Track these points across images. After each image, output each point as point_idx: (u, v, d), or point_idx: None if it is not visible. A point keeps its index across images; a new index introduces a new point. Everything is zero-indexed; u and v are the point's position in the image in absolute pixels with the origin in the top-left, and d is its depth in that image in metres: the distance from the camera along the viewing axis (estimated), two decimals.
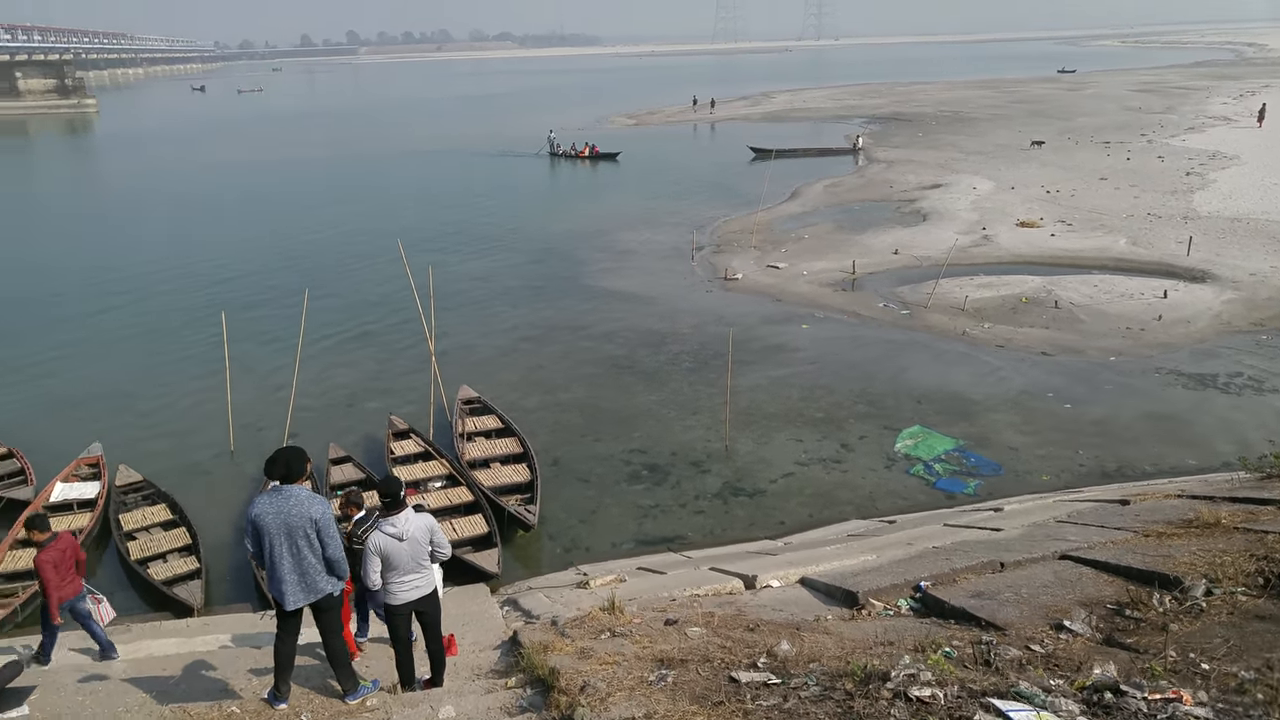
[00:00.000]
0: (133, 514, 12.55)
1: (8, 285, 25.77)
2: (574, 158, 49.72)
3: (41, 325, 22.06)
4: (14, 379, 18.42)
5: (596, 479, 13.93)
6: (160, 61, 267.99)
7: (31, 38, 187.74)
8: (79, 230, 34.64)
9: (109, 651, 8.37)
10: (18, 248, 31.09)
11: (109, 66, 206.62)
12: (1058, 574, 7.32)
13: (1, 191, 45.85)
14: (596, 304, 22.74)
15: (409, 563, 6.25)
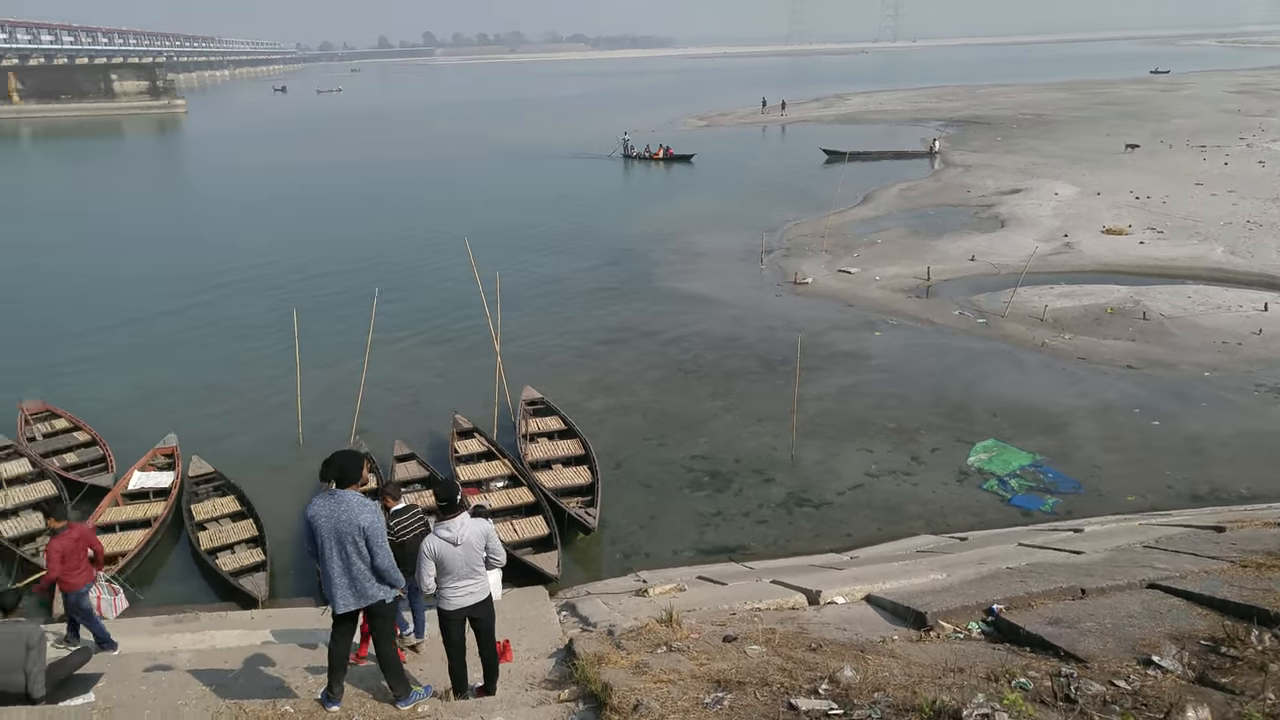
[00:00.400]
0: (203, 504, 12.81)
1: (97, 279, 26.77)
2: (648, 160, 49.53)
3: (126, 318, 22.83)
4: (100, 369, 19.09)
5: (658, 484, 13.75)
6: (245, 63, 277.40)
7: (127, 41, 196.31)
8: (164, 227, 35.83)
9: (106, 645, 8.50)
10: (107, 243, 32.32)
11: (197, 69, 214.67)
12: (1145, 604, 6.87)
13: (96, 189, 47.72)
14: (663, 306, 22.58)
15: (463, 568, 6.16)
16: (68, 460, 14.31)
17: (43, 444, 14.80)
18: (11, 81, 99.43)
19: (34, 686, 6.44)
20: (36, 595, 9.76)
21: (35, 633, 6.56)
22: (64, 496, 12.97)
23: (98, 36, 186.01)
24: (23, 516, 12.58)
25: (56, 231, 34.62)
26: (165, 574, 11.81)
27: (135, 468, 13.67)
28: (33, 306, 23.97)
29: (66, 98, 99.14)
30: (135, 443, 14.71)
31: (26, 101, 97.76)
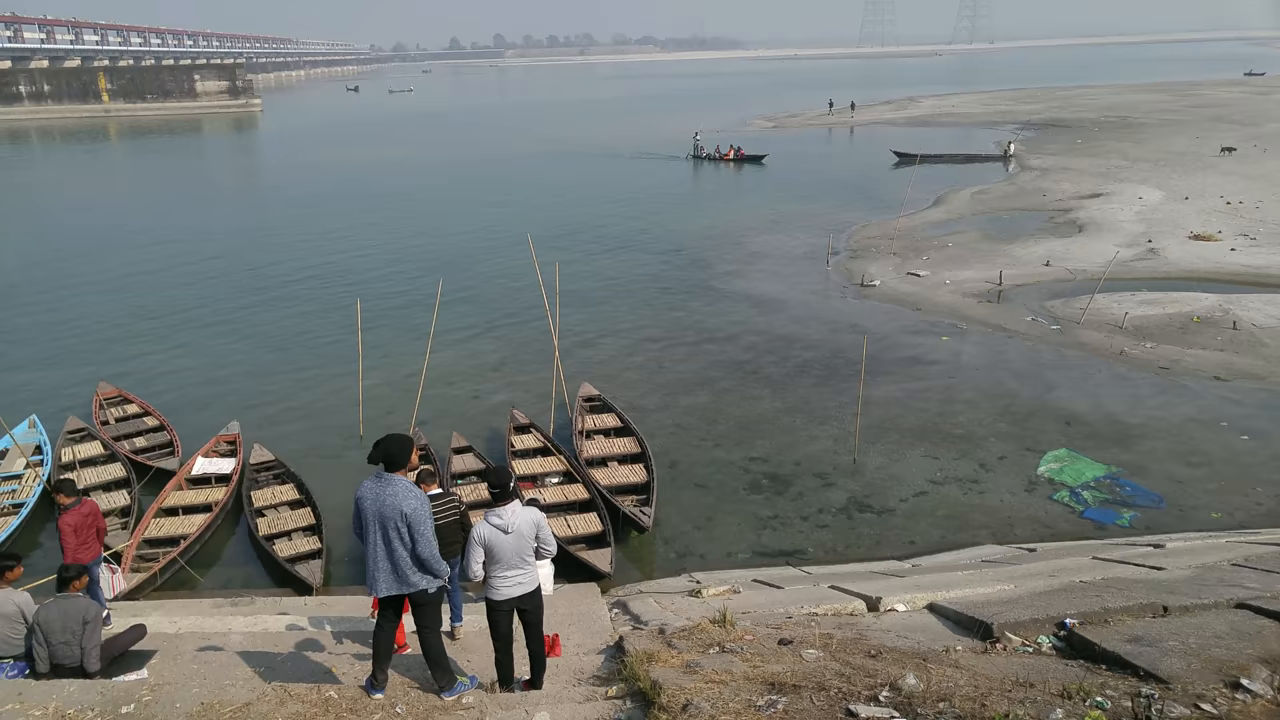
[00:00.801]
0: (263, 491, 12.98)
1: (172, 270, 27.55)
2: (718, 160, 49.09)
3: (196, 308, 23.44)
4: (170, 356, 19.59)
5: (715, 485, 13.50)
6: (320, 64, 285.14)
7: (211, 43, 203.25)
8: (234, 221, 36.74)
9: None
10: (181, 236, 33.24)
11: (275, 69, 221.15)
12: (1233, 625, 6.41)
13: (173, 184, 49.24)
14: (724, 306, 22.30)
15: (513, 557, 6.03)
16: (137, 444, 14.66)
17: (114, 427, 15.21)
18: (102, 82, 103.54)
19: (89, 661, 6.54)
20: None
21: (92, 608, 6.66)
22: (132, 479, 13.29)
23: (183, 39, 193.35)
24: (94, 497, 12.87)
25: (136, 224, 35.77)
26: (224, 558, 11.98)
27: (199, 453, 13.93)
28: (112, 294, 24.75)
29: (152, 97, 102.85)
30: (200, 429, 15.04)
31: (115, 101, 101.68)
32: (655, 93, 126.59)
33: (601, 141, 61.24)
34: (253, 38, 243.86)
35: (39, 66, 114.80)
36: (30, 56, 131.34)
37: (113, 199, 44.24)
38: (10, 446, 13.98)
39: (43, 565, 11.65)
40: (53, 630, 6.52)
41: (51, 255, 30.13)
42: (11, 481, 13.36)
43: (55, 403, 16.33)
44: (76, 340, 20.77)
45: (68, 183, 50.68)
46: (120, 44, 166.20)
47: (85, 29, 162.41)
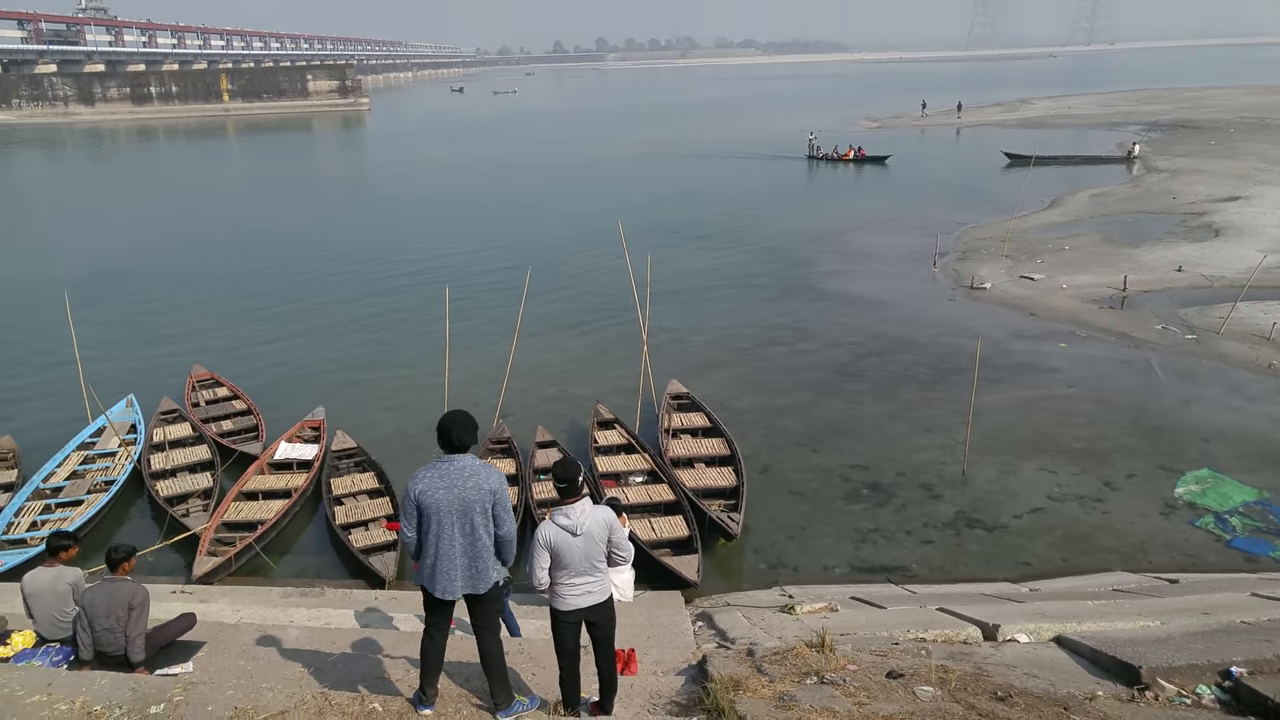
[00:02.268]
0: (343, 479, 12.70)
1: (271, 258, 28.07)
2: (836, 160, 47.34)
3: (290, 294, 23.75)
4: (263, 341, 19.79)
5: (810, 493, 12.59)
6: (427, 66, 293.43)
7: (325, 46, 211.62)
8: (333, 212, 37.57)
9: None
10: (282, 226, 33.99)
11: (384, 71, 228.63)
12: None
13: (281, 177, 50.68)
14: (824, 306, 21.27)
15: (581, 562, 5.29)
16: (224, 427, 14.65)
17: (204, 410, 15.27)
18: (224, 83, 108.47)
19: (133, 650, 6.15)
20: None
21: (139, 593, 6.27)
22: (216, 461, 13.24)
23: (299, 42, 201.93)
24: (179, 478, 12.89)
25: (244, 215, 36.83)
26: (300, 546, 11.71)
27: (283, 438, 13.78)
28: (216, 281, 25.32)
29: (268, 96, 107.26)
30: (286, 413, 14.94)
31: (234, 100, 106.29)
32: (755, 94, 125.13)
33: (701, 142, 60.47)
34: (364, 40, 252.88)
35: (170, 69, 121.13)
36: (163, 60, 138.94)
37: (224, 192, 45.74)
38: (106, 425, 14.12)
39: (130, 541, 11.54)
40: (97, 615, 6.15)
41: (162, 243, 31.17)
42: (105, 459, 13.47)
43: (154, 383, 16.51)
44: (178, 323, 21.19)
45: (184, 176, 52.79)
46: (243, 48, 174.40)
47: (213, 34, 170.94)
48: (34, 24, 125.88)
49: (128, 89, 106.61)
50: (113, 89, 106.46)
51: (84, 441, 13.96)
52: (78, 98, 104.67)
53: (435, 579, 5.29)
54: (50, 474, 12.92)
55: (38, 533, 11.24)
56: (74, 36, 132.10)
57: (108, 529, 12.05)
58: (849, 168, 45.98)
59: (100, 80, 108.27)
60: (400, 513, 5.41)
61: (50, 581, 6.62)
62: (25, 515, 11.80)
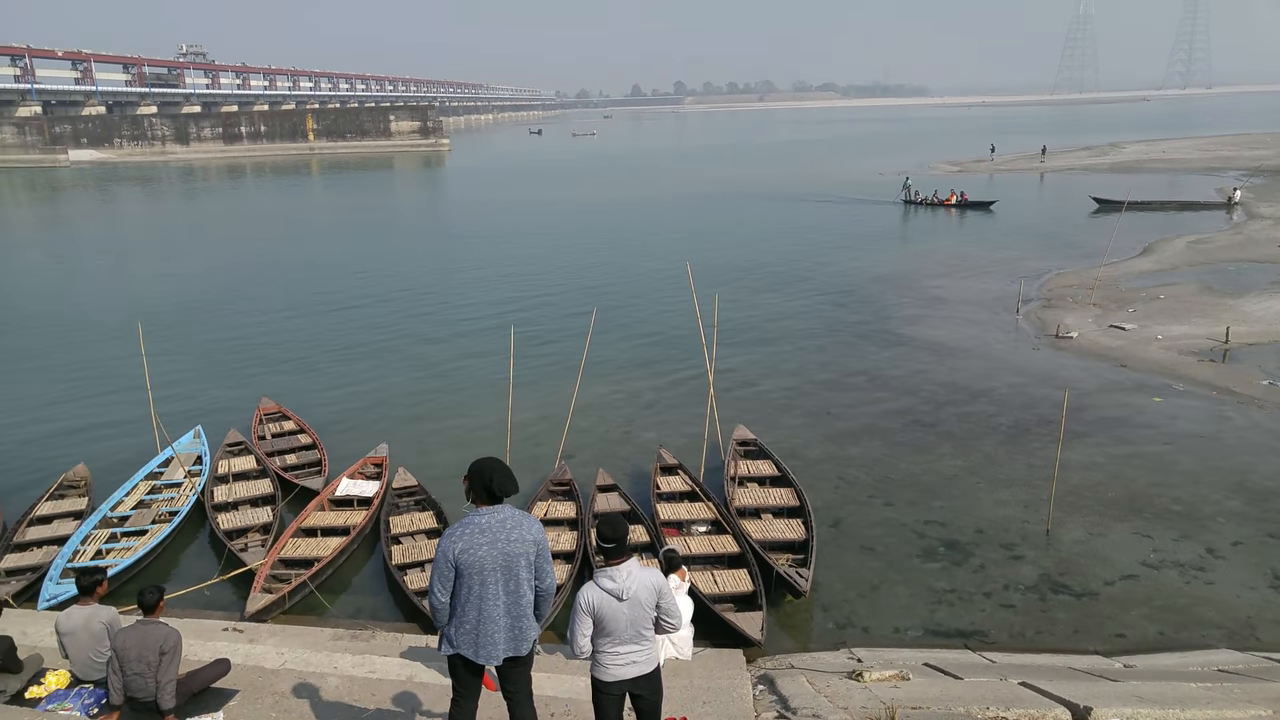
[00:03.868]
0: (402, 518, 12.51)
1: (341, 292, 28.54)
2: (935, 206, 45.22)
3: (359, 328, 24.06)
4: (328, 374, 19.98)
5: (883, 549, 11.92)
6: (507, 108, 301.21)
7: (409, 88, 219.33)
8: (409, 249, 38.20)
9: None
10: (358, 262, 34.66)
11: (465, 113, 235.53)
12: None
13: (362, 215, 51.99)
14: (900, 352, 20.55)
15: (627, 630, 4.86)
16: (288, 461, 14.66)
17: (270, 443, 15.33)
18: (309, 123, 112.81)
19: (164, 697, 5.93)
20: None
21: (171, 637, 6.06)
22: (278, 495, 13.19)
23: (384, 84, 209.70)
24: (241, 511, 12.89)
25: (321, 252, 37.73)
26: (355, 585, 11.51)
27: (345, 474, 13.69)
28: (289, 315, 25.82)
29: (351, 136, 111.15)
30: (351, 449, 14.90)
31: (319, 140, 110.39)
32: (833, 137, 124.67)
33: (777, 184, 60.11)
34: (446, 83, 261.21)
35: (259, 110, 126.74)
36: (254, 101, 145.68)
37: (301, 228, 47.09)
38: (173, 456, 14.28)
39: (189, 574, 11.65)
40: (128, 658, 5.95)
41: (239, 277, 32.08)
42: (171, 490, 13.58)
43: (222, 415, 16.73)
44: (249, 356, 21.56)
45: (266, 213, 54.62)
46: (330, 89, 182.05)
47: (302, 76, 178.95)
48: (138, 68, 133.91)
49: (220, 129, 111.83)
50: (206, 129, 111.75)
51: (152, 471, 14.11)
52: (174, 137, 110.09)
53: (478, 643, 4.91)
54: (118, 503, 13.06)
55: (102, 561, 11.30)
56: (174, 80, 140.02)
57: (169, 560, 12.08)
58: (950, 214, 44.01)
59: (195, 121, 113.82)
60: (432, 574, 4.99)
61: (85, 621, 6.48)
62: (91, 543, 11.90)
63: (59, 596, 10.41)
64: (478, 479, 4.90)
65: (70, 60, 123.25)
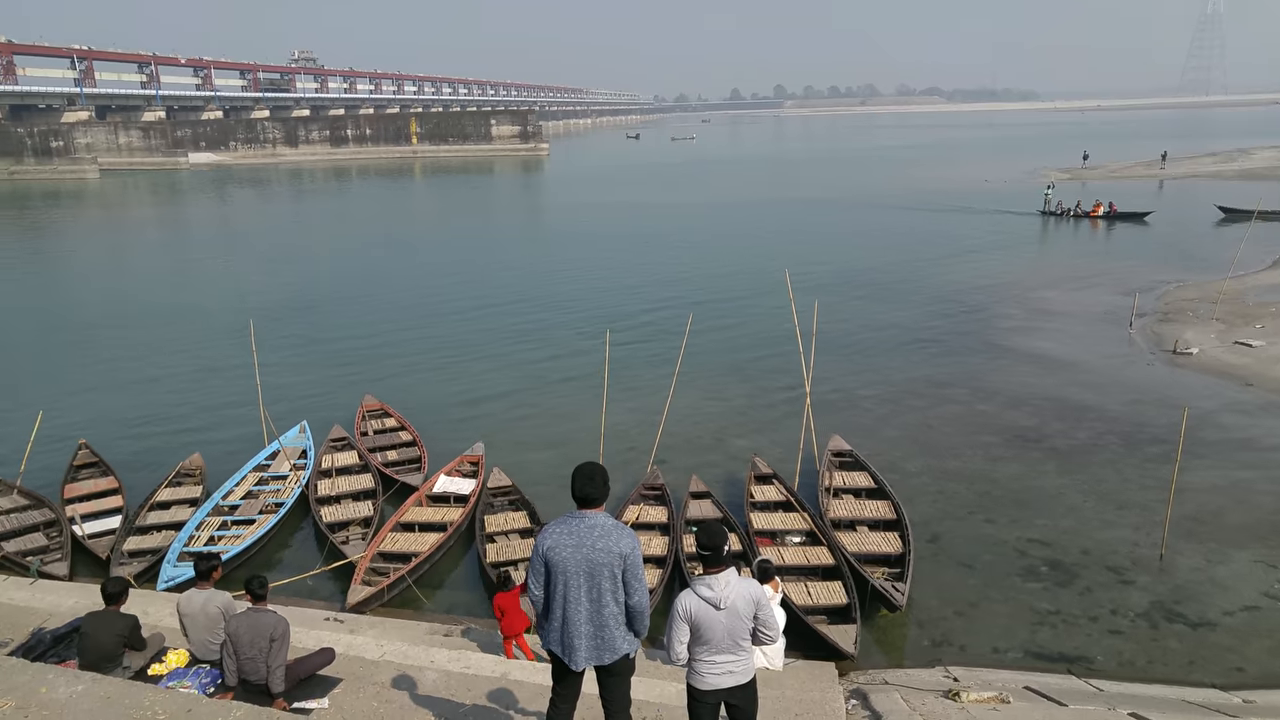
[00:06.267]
0: (496, 517, 12.73)
1: (443, 292, 29.24)
2: (1079, 217, 41.83)
3: (459, 328, 24.63)
4: (429, 373, 20.46)
5: (983, 566, 11.54)
6: (606, 113, 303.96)
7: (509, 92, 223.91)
8: (508, 252, 38.85)
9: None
10: (454, 261, 35.46)
11: (564, 117, 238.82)
12: None
13: (463, 218, 53.21)
14: (1005, 365, 19.87)
15: (724, 639, 4.82)
16: (389, 457, 15.07)
17: (371, 439, 15.80)
18: (413, 126, 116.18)
19: (273, 681, 6.18)
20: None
21: (280, 625, 6.31)
22: (378, 490, 13.60)
23: (486, 89, 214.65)
24: (342, 505, 13.33)
25: (424, 253, 38.79)
26: (451, 581, 11.75)
27: (442, 471, 14.01)
28: (392, 314, 26.60)
29: (453, 140, 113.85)
30: (448, 446, 15.23)
31: (422, 144, 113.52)
32: (936, 142, 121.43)
33: (879, 191, 58.75)
34: (546, 88, 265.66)
35: (365, 114, 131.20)
36: (360, 105, 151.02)
37: (405, 229, 48.45)
38: (280, 449, 14.86)
39: (292, 564, 12.10)
40: (241, 643, 6.24)
41: (345, 276, 33.20)
42: (277, 482, 14.13)
43: (327, 410, 17.31)
44: (354, 353, 22.28)
45: (370, 214, 56.40)
46: (433, 93, 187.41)
47: (406, 80, 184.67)
48: (253, 74, 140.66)
49: (327, 132, 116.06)
50: (314, 132, 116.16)
51: (260, 463, 14.73)
52: (284, 140, 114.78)
53: (562, 643, 4.98)
54: (229, 492, 13.67)
55: (215, 548, 11.84)
56: (285, 85, 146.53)
57: (274, 550, 12.57)
58: (1095, 225, 40.86)
59: (304, 124, 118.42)
60: (529, 568, 5.09)
61: (202, 604, 6.81)
62: (204, 530, 12.48)
63: (176, 579, 10.97)
64: (572, 482, 5.00)
65: (192, 67, 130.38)
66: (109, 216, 60.87)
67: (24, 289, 33.33)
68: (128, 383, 20.22)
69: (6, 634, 8.45)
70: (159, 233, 52.04)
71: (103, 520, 12.80)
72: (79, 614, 7.80)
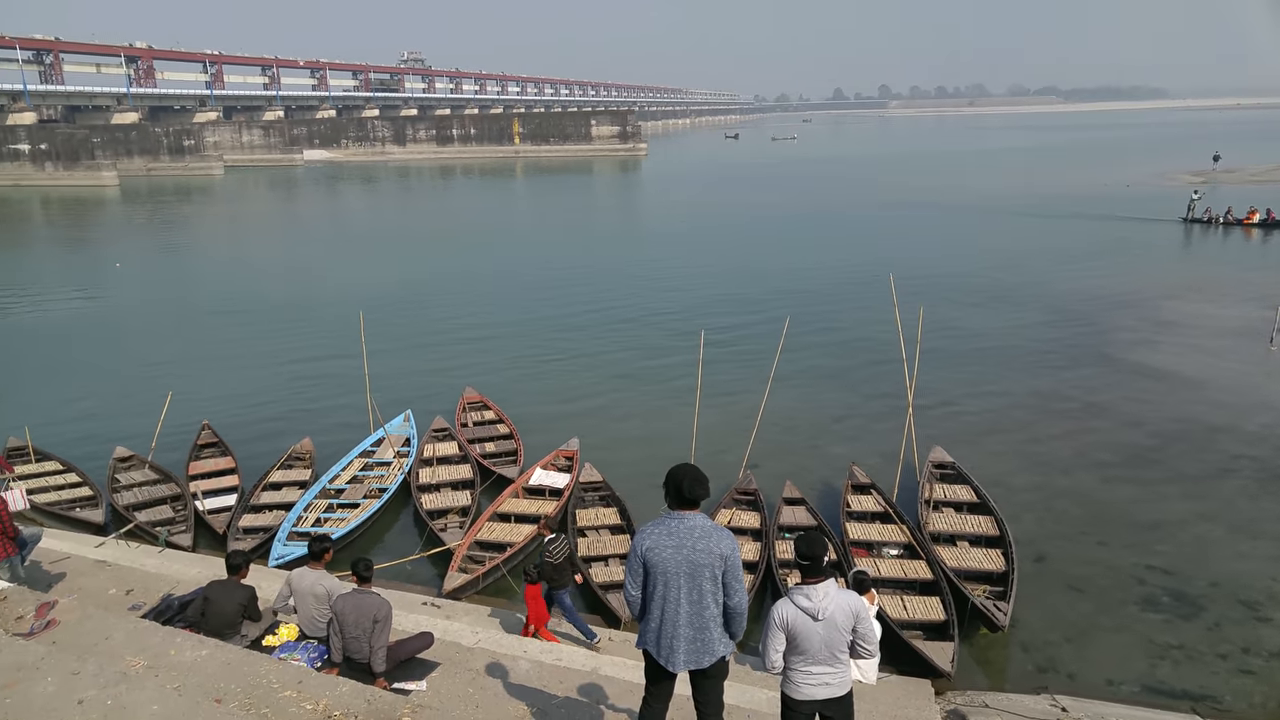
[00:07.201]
0: (587, 512, 12.82)
1: (542, 288, 29.63)
2: (1232, 225, 38.87)
3: (557, 324, 24.94)
4: (527, 368, 20.77)
5: (1095, 591, 10.97)
6: (705, 113, 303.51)
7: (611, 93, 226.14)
8: (604, 249, 39.20)
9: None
10: (552, 259, 35.88)
11: (663, 117, 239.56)
12: None
13: (560, 215, 53.90)
14: (1122, 380, 18.91)
15: (821, 650, 4.71)
16: (487, 449, 15.36)
17: (471, 430, 16.13)
18: (515, 126, 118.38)
19: (375, 661, 6.35)
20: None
21: (384, 608, 6.47)
22: (476, 481, 13.86)
23: (586, 89, 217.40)
24: (442, 493, 13.63)
25: (523, 249, 39.44)
26: None
27: (538, 465, 14.17)
28: (490, 308, 27.15)
29: (554, 140, 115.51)
30: (542, 440, 15.41)
31: (523, 144, 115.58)
32: (1051, 145, 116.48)
33: (991, 194, 56.77)
34: (645, 88, 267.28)
35: (470, 114, 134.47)
36: (465, 105, 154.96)
37: (506, 227, 49.40)
38: (385, 437, 15.30)
39: (392, 548, 12.43)
40: (346, 623, 6.44)
41: (448, 272, 34.00)
42: (381, 468, 14.56)
43: (429, 401, 17.71)
44: (457, 347, 22.78)
45: (474, 212, 57.70)
46: (536, 94, 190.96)
47: (509, 81, 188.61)
48: (365, 74, 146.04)
49: (434, 131, 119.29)
50: (421, 131, 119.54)
51: (365, 450, 15.20)
52: (393, 139, 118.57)
53: (660, 644, 4.95)
54: (336, 476, 14.16)
55: (321, 529, 12.27)
56: (395, 85, 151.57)
57: (376, 533, 12.94)
58: (1250, 235, 37.85)
59: (412, 123, 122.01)
60: (626, 568, 5.08)
61: (311, 584, 7.05)
62: (312, 511, 12.95)
63: (285, 557, 11.42)
64: (671, 481, 4.98)
65: (309, 69, 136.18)
66: (232, 211, 64.03)
67: (159, 279, 35.31)
68: (247, 368, 21.19)
69: (140, 597, 9.03)
70: (277, 226, 54.46)
71: (221, 497, 13.48)
72: (201, 583, 8.23)
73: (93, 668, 5.70)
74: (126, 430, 16.23)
